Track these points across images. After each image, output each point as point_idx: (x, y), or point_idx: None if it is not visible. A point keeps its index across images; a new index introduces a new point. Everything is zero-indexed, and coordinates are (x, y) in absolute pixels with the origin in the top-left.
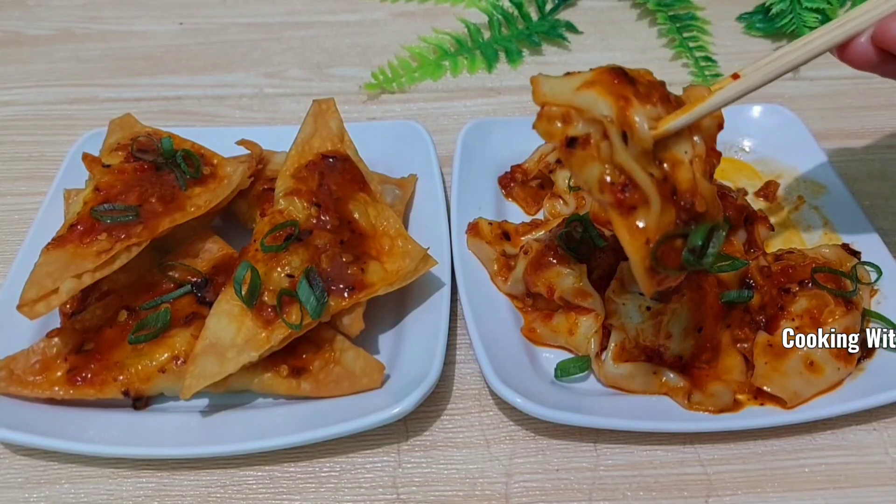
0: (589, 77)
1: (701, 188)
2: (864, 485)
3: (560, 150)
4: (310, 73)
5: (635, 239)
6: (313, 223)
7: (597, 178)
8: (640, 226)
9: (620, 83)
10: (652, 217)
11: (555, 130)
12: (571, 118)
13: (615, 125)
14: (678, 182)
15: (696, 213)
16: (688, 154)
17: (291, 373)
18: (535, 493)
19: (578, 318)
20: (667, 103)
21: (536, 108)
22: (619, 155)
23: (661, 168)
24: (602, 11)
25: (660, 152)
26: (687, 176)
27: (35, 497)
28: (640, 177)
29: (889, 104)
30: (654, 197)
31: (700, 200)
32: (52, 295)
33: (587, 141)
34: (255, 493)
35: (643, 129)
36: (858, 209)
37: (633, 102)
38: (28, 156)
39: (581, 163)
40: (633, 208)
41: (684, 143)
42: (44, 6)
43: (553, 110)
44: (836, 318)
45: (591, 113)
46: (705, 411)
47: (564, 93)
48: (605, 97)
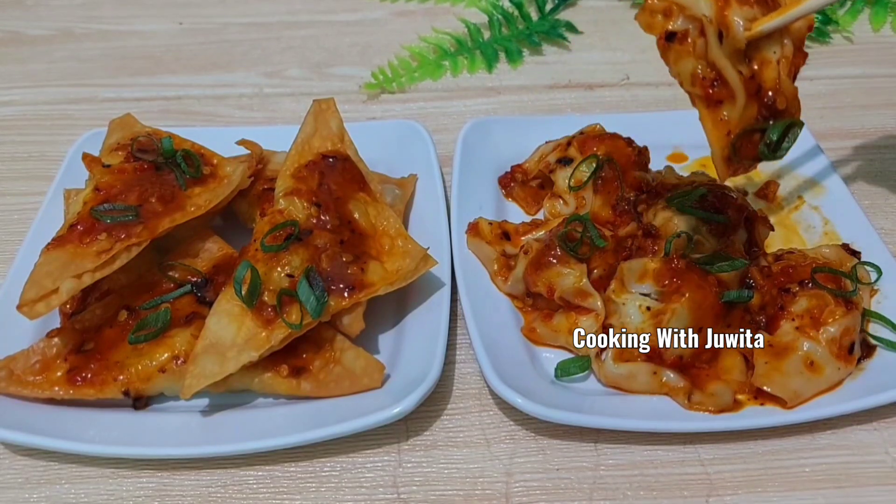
0: None
1: (784, 87)
2: (864, 484)
3: (658, 43)
4: (310, 73)
5: (718, 130)
6: (313, 223)
7: (689, 72)
8: (723, 118)
9: None
10: (736, 111)
11: (655, 23)
12: (672, 13)
13: (713, 24)
14: (764, 81)
15: (777, 109)
16: (776, 54)
17: (291, 372)
18: (535, 493)
19: (578, 318)
20: (763, 4)
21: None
22: (713, 52)
23: (750, 66)
24: (602, 11)
25: (750, 51)
26: (773, 75)
27: (35, 497)
28: (729, 74)
29: (889, 104)
30: (740, 93)
31: (781, 98)
32: (52, 295)
33: (685, 36)
34: (255, 493)
35: (738, 29)
36: (858, 209)
37: (732, 3)
38: (28, 156)
39: (676, 56)
40: (719, 102)
41: (774, 44)
42: (43, 6)
43: (656, 4)
44: (836, 318)
45: (692, 11)
46: (705, 411)
47: None
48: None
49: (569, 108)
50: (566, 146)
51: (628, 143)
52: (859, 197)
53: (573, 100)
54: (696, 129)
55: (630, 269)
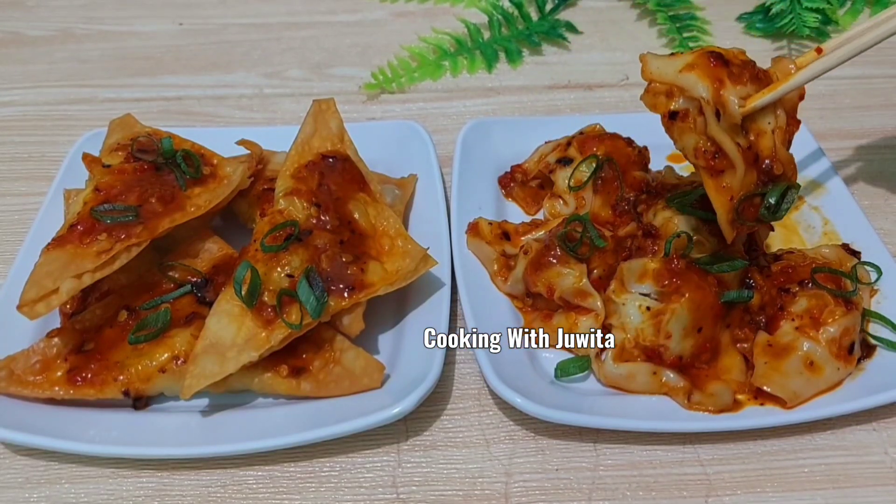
0: (690, 60)
1: (780, 155)
2: (863, 484)
3: (663, 120)
4: (309, 73)
5: (721, 196)
6: (313, 223)
7: (692, 146)
8: (725, 185)
9: (716, 66)
10: (736, 179)
11: (659, 103)
12: (674, 94)
13: (710, 105)
14: (761, 150)
15: (774, 175)
16: (770, 125)
17: (291, 373)
18: (534, 493)
19: (578, 318)
20: (756, 81)
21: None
22: (712, 129)
23: (748, 138)
24: (602, 11)
25: (747, 123)
26: (769, 144)
27: (35, 497)
28: (728, 147)
29: (889, 104)
30: (739, 163)
31: (778, 165)
32: (52, 295)
33: (686, 115)
34: (255, 493)
35: (734, 107)
36: (858, 209)
37: (727, 84)
38: (28, 156)
39: (680, 132)
40: (721, 172)
41: (768, 115)
42: (44, 6)
43: (658, 86)
44: (836, 318)
45: (691, 93)
46: (705, 411)
47: (669, 73)
48: (704, 80)
49: (568, 109)
50: (566, 146)
51: (628, 143)
52: (859, 197)
53: (573, 100)
54: None
55: (630, 269)
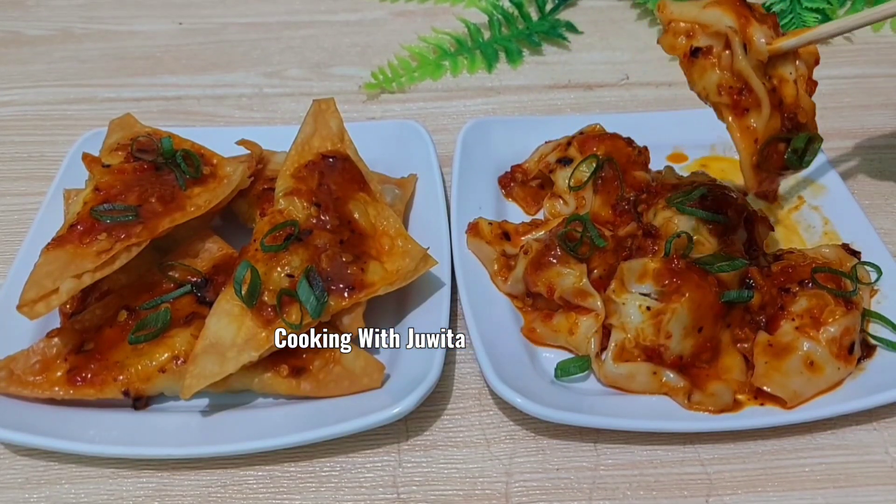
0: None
1: (803, 103)
2: (864, 484)
3: (682, 61)
4: (309, 73)
5: (746, 137)
6: (313, 223)
7: (715, 83)
8: (751, 126)
9: (741, 4)
10: (762, 119)
11: (678, 44)
12: (695, 32)
13: (738, 36)
14: (784, 95)
15: (799, 122)
16: (792, 74)
17: (291, 372)
18: (535, 493)
19: (578, 318)
20: (776, 28)
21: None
22: (739, 62)
23: (771, 82)
24: (602, 11)
25: (769, 69)
26: (791, 91)
27: (35, 497)
28: (755, 82)
29: (889, 104)
30: (765, 101)
31: (802, 112)
32: (52, 295)
33: (710, 51)
34: (255, 493)
35: (761, 42)
36: (858, 209)
37: (752, 21)
38: (28, 156)
39: (701, 70)
40: (746, 110)
41: (790, 64)
42: (43, 6)
43: (680, 26)
44: (836, 318)
45: (716, 27)
46: (705, 411)
47: (691, 11)
48: (729, 13)
49: (568, 108)
50: (566, 146)
51: (628, 143)
52: (859, 197)
53: (573, 100)
54: (696, 129)
55: (630, 269)
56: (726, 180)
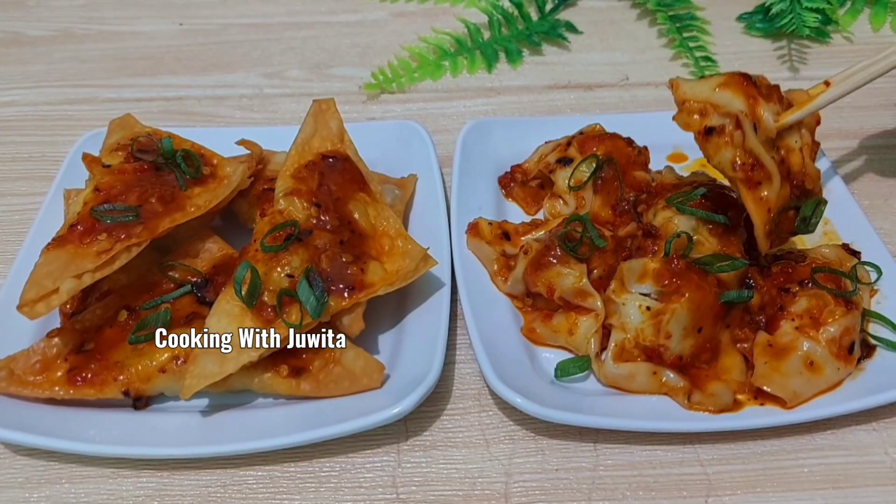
0: (722, 80)
1: (809, 170)
2: (863, 485)
3: (698, 137)
4: (310, 74)
5: (760, 207)
6: (313, 223)
7: (729, 160)
8: (763, 197)
9: (748, 85)
10: (773, 190)
11: (693, 122)
12: (708, 112)
13: (748, 118)
14: (791, 165)
15: (806, 189)
16: (797, 143)
17: (291, 373)
18: (534, 493)
19: (578, 318)
20: (781, 102)
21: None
22: (750, 141)
23: (779, 154)
24: (602, 11)
25: (777, 141)
26: (798, 160)
27: (35, 497)
28: (765, 159)
29: (888, 104)
30: (775, 175)
31: (809, 180)
32: (52, 295)
33: (722, 130)
34: (255, 493)
35: (769, 121)
36: (858, 209)
37: (759, 101)
38: (28, 156)
39: (716, 148)
40: (758, 184)
41: (795, 134)
42: (44, 6)
43: (693, 105)
44: (836, 318)
45: (727, 108)
46: (705, 411)
47: (703, 92)
48: (739, 96)
49: (568, 109)
50: (566, 146)
51: (628, 143)
52: (859, 197)
53: (573, 100)
54: None
55: (630, 269)
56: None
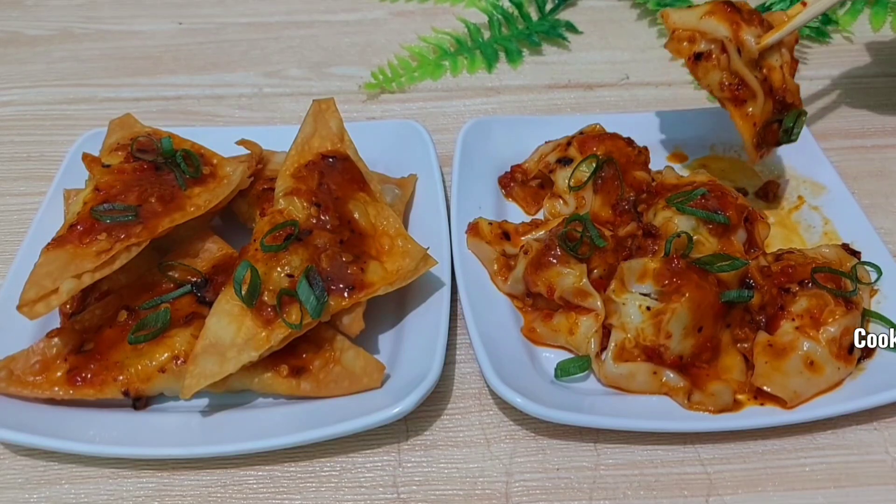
0: (707, 8)
1: (789, 86)
2: (864, 484)
3: (688, 63)
4: (309, 73)
5: (746, 122)
6: (313, 223)
7: (717, 81)
8: (749, 113)
9: (731, 11)
10: (758, 106)
11: (683, 49)
12: (696, 39)
13: (733, 42)
14: (773, 82)
15: (787, 103)
16: (778, 62)
17: (291, 372)
18: (535, 493)
19: (578, 318)
20: (762, 25)
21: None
22: (735, 63)
23: (762, 72)
24: (602, 11)
25: (760, 61)
26: (779, 77)
27: (35, 497)
28: (749, 78)
29: (889, 104)
30: (759, 92)
31: (789, 94)
32: (51, 295)
33: (710, 55)
34: (255, 493)
35: (751, 44)
36: (858, 209)
37: (742, 26)
38: (28, 156)
39: (705, 71)
40: (744, 101)
41: (776, 53)
42: (43, 6)
43: (682, 33)
44: (836, 318)
45: (714, 34)
46: (705, 411)
47: (691, 20)
48: (723, 22)
49: (568, 109)
50: (566, 146)
51: (628, 143)
52: (859, 197)
53: (573, 100)
54: (696, 130)
55: (630, 269)
56: (726, 180)
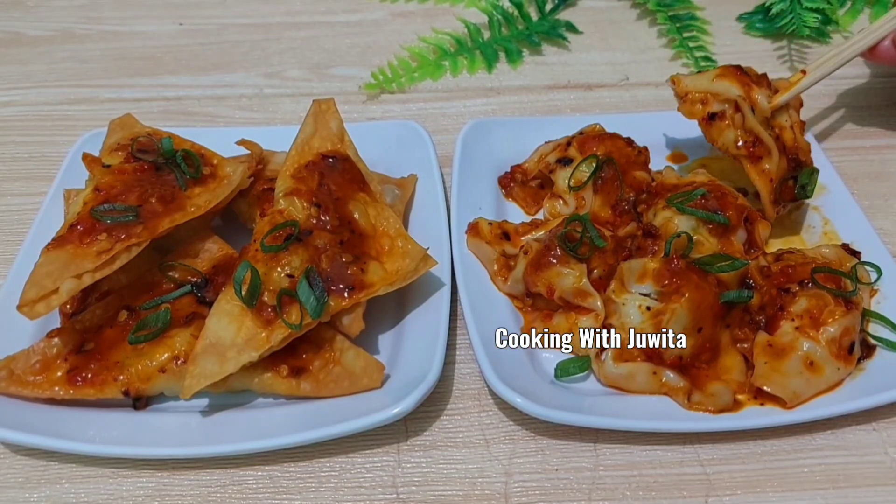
0: (718, 71)
1: (801, 144)
2: (863, 485)
3: (702, 123)
4: (309, 74)
5: (763, 178)
6: (313, 223)
7: (733, 140)
8: (765, 170)
9: (741, 74)
10: (773, 163)
11: (696, 111)
12: (708, 101)
13: (747, 102)
14: (786, 141)
15: (800, 161)
16: (788, 122)
17: (291, 373)
18: (534, 493)
19: (578, 318)
20: (769, 88)
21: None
22: (750, 121)
23: (774, 131)
24: (602, 11)
25: (770, 121)
26: (790, 136)
27: (35, 497)
28: (764, 136)
29: (889, 104)
30: (774, 149)
31: (801, 152)
32: (52, 295)
33: (723, 115)
34: (255, 493)
35: (763, 103)
36: (858, 209)
37: (753, 87)
38: (28, 156)
39: (719, 131)
40: (760, 158)
41: (784, 114)
42: (44, 6)
43: (695, 96)
44: (836, 318)
45: (726, 95)
46: (705, 411)
47: (703, 84)
48: (735, 83)
49: (568, 109)
50: (566, 146)
51: (628, 143)
52: (859, 197)
53: (572, 100)
54: (696, 130)
55: (630, 269)
56: (726, 180)
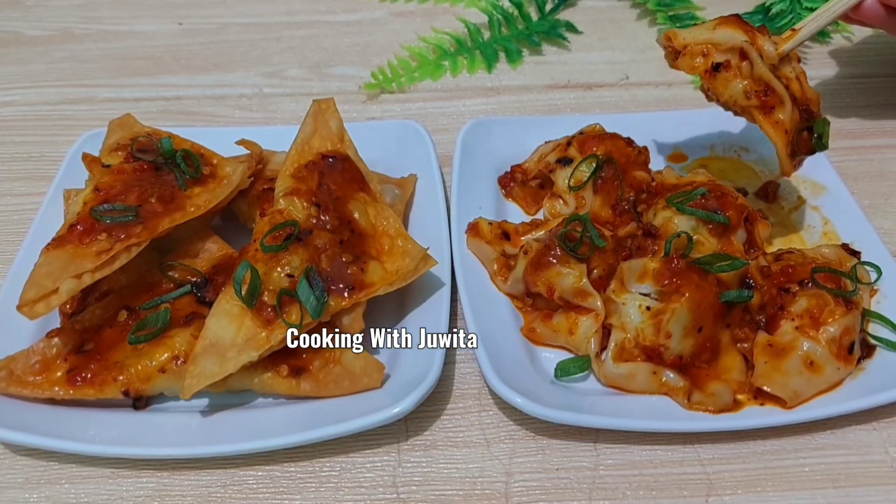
0: (718, 21)
1: (810, 94)
2: (864, 484)
3: (705, 77)
4: (309, 73)
5: (778, 130)
6: (313, 223)
7: (742, 90)
8: (779, 120)
9: (742, 22)
10: (786, 113)
11: (697, 64)
12: (710, 52)
13: (754, 47)
14: (794, 91)
15: (812, 111)
16: (793, 72)
17: (291, 372)
18: (534, 493)
19: (578, 318)
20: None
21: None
22: (759, 68)
23: (782, 82)
24: (602, 11)
25: (776, 72)
26: (797, 87)
27: (35, 497)
28: (775, 83)
29: (889, 104)
30: (786, 97)
31: (812, 103)
32: (51, 295)
33: (729, 64)
34: (255, 493)
35: (770, 49)
36: (858, 209)
37: (756, 34)
38: (28, 156)
39: (725, 82)
40: (772, 108)
41: (789, 65)
42: (43, 6)
43: (694, 48)
44: (836, 318)
45: (730, 43)
46: (705, 411)
47: (702, 34)
48: (738, 30)
49: (568, 109)
50: (566, 146)
51: (628, 143)
52: (859, 197)
53: (572, 100)
54: (696, 129)
55: (630, 269)
56: (726, 180)
